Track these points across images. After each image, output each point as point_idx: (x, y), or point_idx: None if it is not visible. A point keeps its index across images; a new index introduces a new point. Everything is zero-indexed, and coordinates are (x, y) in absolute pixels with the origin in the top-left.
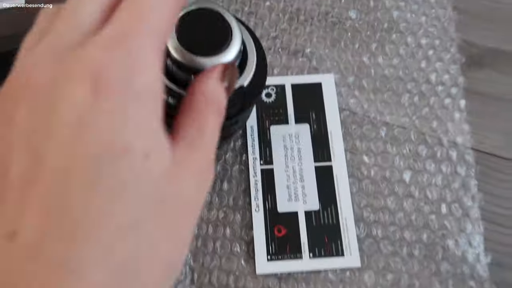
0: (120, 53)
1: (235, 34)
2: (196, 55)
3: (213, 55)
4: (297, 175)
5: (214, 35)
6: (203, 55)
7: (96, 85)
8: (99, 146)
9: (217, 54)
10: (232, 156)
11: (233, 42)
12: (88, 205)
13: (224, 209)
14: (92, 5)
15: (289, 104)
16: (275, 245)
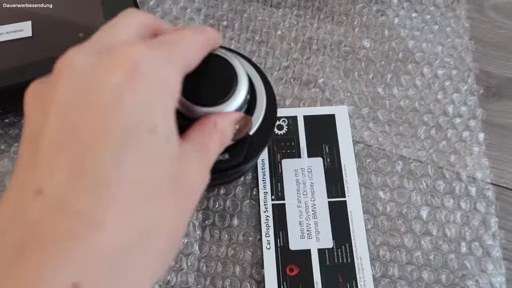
0: (159, 53)
1: (240, 83)
2: (197, 106)
3: (215, 106)
4: (310, 211)
5: (218, 83)
6: (205, 106)
7: (132, 70)
8: (131, 120)
9: (219, 105)
10: (242, 190)
11: (238, 92)
12: (117, 169)
13: (234, 246)
14: (131, 23)
15: (301, 136)
16: (287, 285)
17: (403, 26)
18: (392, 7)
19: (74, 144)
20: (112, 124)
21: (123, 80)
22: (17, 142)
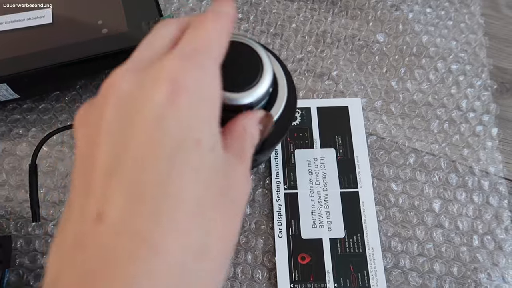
0: (192, 63)
1: (266, 69)
2: (224, 91)
3: (241, 92)
4: (322, 201)
5: (244, 70)
6: (232, 91)
7: (173, 88)
8: (176, 138)
9: (246, 91)
10: (255, 179)
11: (263, 80)
12: (170, 188)
13: (246, 234)
14: (164, 35)
15: (314, 127)
16: (299, 272)
17: (417, 21)
18: (407, 2)
19: (125, 167)
20: (159, 144)
21: (165, 99)
22: (34, 127)
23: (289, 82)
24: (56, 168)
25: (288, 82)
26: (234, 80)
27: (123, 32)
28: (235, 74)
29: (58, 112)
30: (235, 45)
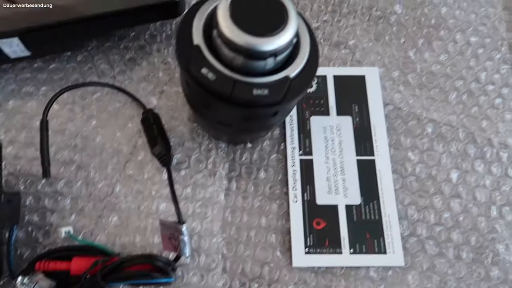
0: None
1: (291, 18)
2: (250, 35)
3: (265, 37)
4: (338, 167)
5: (269, 17)
6: (255, 36)
7: None
8: None
9: (270, 37)
10: (269, 144)
11: (290, 19)
12: None
13: (260, 198)
14: None
15: (330, 95)
16: (314, 237)
17: None
18: None
19: None
20: None
21: None
22: (45, 86)
23: (312, 40)
24: (67, 127)
25: (311, 40)
26: (258, 26)
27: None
28: (259, 20)
29: (69, 72)
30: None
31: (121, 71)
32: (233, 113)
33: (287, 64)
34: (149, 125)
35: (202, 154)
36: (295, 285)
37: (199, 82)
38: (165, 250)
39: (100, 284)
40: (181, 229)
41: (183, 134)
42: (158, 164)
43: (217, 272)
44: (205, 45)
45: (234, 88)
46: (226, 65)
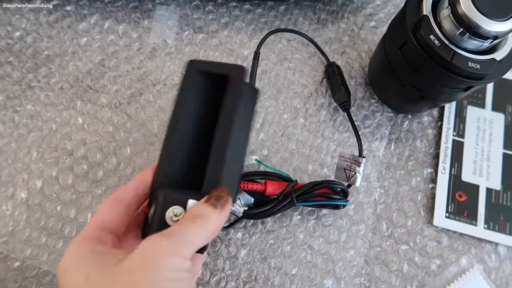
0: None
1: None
2: (484, 16)
3: (497, 20)
4: (485, 154)
5: (501, 4)
6: (489, 18)
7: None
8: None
9: (500, 21)
10: (428, 120)
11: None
12: None
13: (413, 163)
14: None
15: (488, 92)
16: (455, 206)
17: None
18: None
19: None
20: None
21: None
22: (252, 25)
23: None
24: (261, 64)
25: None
26: (490, 10)
27: None
28: (492, 5)
29: (271, 18)
30: None
31: (313, 28)
32: (438, 79)
33: (493, 49)
34: (332, 74)
35: (370, 113)
36: (430, 240)
37: (424, 46)
38: (337, 179)
39: (294, 202)
40: (361, 161)
41: (356, 91)
42: (332, 112)
43: (369, 211)
44: (431, 16)
45: (453, 57)
46: (447, 37)
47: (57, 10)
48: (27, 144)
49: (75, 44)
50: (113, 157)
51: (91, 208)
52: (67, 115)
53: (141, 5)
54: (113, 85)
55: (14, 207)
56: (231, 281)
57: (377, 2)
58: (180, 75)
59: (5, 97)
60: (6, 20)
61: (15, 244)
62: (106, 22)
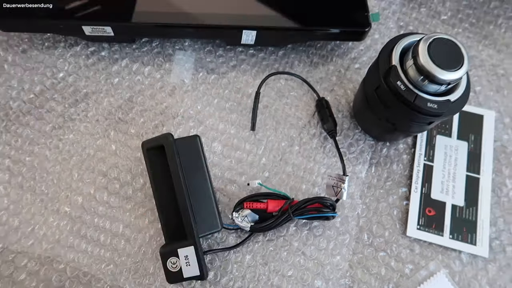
0: None
1: (465, 59)
2: (439, 68)
3: (449, 71)
4: (451, 176)
5: (451, 56)
6: (443, 69)
7: None
8: None
9: (452, 71)
10: (403, 147)
11: (465, 64)
12: None
13: (390, 183)
14: None
15: (454, 123)
16: (425, 220)
17: None
18: None
19: None
20: None
21: None
22: (255, 68)
23: (468, 80)
24: (263, 100)
25: (467, 79)
26: (444, 62)
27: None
28: (445, 58)
29: (271, 61)
30: (448, 42)
31: (307, 69)
32: (405, 115)
33: (449, 92)
34: (322, 108)
35: (354, 141)
36: (404, 248)
37: (392, 90)
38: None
39: (291, 216)
40: (345, 179)
41: (343, 123)
42: (322, 140)
43: (353, 223)
44: (399, 66)
45: (415, 99)
46: (411, 83)
47: (94, 55)
48: (69, 167)
49: (108, 83)
50: (140, 178)
51: (122, 220)
52: (102, 143)
53: (163, 51)
54: (140, 117)
55: (59, 219)
56: (237, 281)
57: (361, 47)
58: (194, 110)
59: (51, 128)
60: (51, 63)
61: (59, 250)
62: (134, 65)
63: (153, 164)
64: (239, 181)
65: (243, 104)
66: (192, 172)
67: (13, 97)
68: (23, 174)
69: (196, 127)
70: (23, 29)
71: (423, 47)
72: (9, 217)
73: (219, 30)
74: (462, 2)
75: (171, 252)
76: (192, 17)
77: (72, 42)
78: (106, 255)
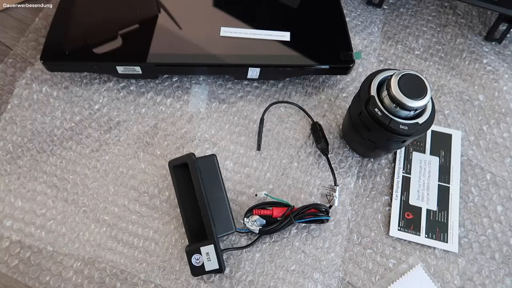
0: None
1: (428, 90)
2: (407, 97)
3: (415, 99)
4: (425, 186)
5: (417, 88)
6: (410, 98)
7: None
8: None
9: (418, 100)
10: (385, 162)
11: (427, 94)
12: None
13: (374, 192)
14: None
15: (428, 141)
16: (404, 222)
17: (508, 92)
18: (503, 79)
19: None
20: None
21: None
22: (259, 98)
23: (433, 105)
24: (267, 124)
25: (432, 105)
26: (411, 92)
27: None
28: (412, 89)
29: (272, 92)
30: (414, 76)
31: (302, 98)
32: (383, 136)
33: (418, 116)
34: (316, 130)
35: (344, 158)
36: (388, 246)
37: (372, 116)
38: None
39: (292, 220)
40: (335, 188)
41: (334, 143)
42: (317, 157)
43: (344, 226)
44: (376, 96)
45: (390, 122)
46: (386, 109)
47: (124, 89)
48: (106, 183)
49: (137, 113)
50: (166, 191)
51: (152, 227)
52: (133, 163)
53: (182, 85)
54: (164, 141)
55: (99, 226)
56: (249, 276)
57: (347, 79)
58: (209, 134)
59: (90, 151)
60: (89, 96)
61: (100, 252)
62: (158, 97)
63: (178, 178)
64: (248, 193)
65: (250, 128)
66: (210, 185)
67: (57, 125)
68: (67, 190)
69: (211, 148)
70: (66, 69)
71: (395, 81)
72: (57, 225)
73: (229, 68)
74: (433, 39)
75: (195, 250)
76: (206, 58)
77: (105, 79)
78: (139, 256)
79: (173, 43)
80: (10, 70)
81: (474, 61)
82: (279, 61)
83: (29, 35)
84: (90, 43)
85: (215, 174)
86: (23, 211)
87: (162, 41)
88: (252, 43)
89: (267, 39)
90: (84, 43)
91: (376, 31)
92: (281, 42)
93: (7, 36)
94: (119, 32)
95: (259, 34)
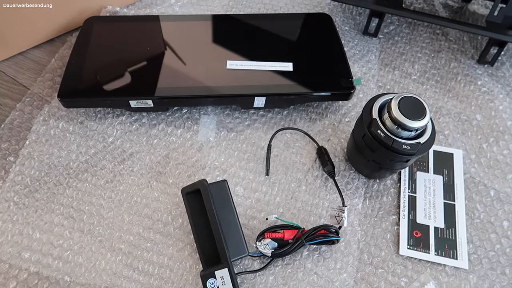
0: None
1: (427, 111)
2: (407, 119)
3: (415, 120)
4: (431, 204)
5: (417, 112)
6: (411, 119)
7: None
8: None
9: (418, 120)
10: (390, 182)
11: (427, 115)
12: None
13: (382, 212)
14: None
15: (430, 161)
16: (413, 241)
17: (504, 111)
18: (499, 99)
19: None
20: None
21: None
22: (265, 125)
23: (432, 125)
24: (274, 150)
25: (432, 125)
26: (411, 114)
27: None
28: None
29: (278, 120)
30: (413, 99)
31: (307, 124)
32: (387, 156)
33: (419, 136)
34: (322, 154)
35: (350, 179)
36: (398, 265)
37: (375, 137)
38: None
39: (303, 242)
40: (344, 209)
41: (339, 166)
42: (324, 180)
43: (354, 247)
44: (378, 118)
45: (393, 143)
46: (388, 131)
47: (136, 121)
48: (121, 212)
49: (149, 144)
50: (179, 218)
51: (166, 254)
52: (146, 192)
53: (191, 116)
54: (176, 170)
55: (115, 255)
56: None
57: (349, 105)
58: (219, 161)
59: (104, 182)
60: (102, 130)
61: (117, 280)
62: (168, 128)
63: (191, 205)
64: (259, 217)
65: (258, 155)
66: (222, 209)
67: (73, 159)
68: (84, 220)
69: (221, 175)
70: (81, 105)
71: (395, 104)
72: (74, 255)
73: (236, 98)
74: (428, 65)
75: (209, 274)
76: (213, 89)
77: (118, 113)
78: (154, 283)
79: (183, 77)
80: (27, 108)
81: (469, 83)
82: (283, 90)
83: (46, 75)
84: (104, 80)
85: (227, 199)
86: (41, 242)
87: (173, 76)
88: (257, 74)
89: (271, 70)
90: (98, 80)
91: (373, 58)
92: (284, 72)
93: (24, 77)
94: (131, 69)
95: (263, 65)
